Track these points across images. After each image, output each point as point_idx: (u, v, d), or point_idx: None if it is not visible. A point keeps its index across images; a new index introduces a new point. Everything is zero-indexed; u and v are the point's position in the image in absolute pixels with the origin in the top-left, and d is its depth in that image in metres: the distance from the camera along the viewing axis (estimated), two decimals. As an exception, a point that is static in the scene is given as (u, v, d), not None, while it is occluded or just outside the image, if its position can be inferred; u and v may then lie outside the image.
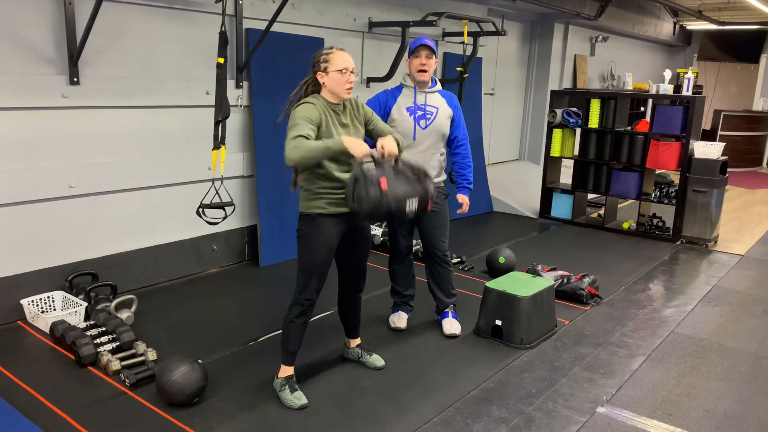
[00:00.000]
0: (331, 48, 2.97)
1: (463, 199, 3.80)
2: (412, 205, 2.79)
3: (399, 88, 3.76)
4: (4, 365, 3.30)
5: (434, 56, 3.64)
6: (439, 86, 3.77)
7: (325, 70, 2.90)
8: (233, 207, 3.91)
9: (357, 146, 2.71)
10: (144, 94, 4.29)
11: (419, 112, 3.65)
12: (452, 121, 3.75)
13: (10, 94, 3.64)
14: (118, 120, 4.19)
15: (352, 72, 2.91)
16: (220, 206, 3.83)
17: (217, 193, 3.86)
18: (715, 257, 5.90)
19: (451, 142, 3.80)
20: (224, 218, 3.91)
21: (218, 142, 3.84)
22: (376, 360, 3.43)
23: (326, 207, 2.92)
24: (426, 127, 3.66)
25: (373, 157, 2.81)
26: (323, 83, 2.91)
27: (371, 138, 3.13)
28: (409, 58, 3.69)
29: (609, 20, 9.30)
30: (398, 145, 2.96)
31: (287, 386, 3.05)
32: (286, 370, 3.09)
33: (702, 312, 4.47)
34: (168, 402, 2.95)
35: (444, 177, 3.82)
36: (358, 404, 3.06)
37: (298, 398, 3.01)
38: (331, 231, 2.95)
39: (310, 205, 2.94)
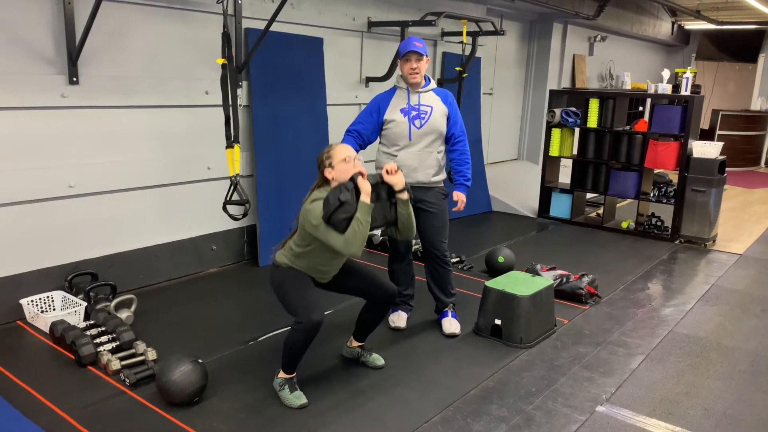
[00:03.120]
0: (329, 147, 3.09)
1: (458, 196, 3.79)
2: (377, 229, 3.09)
3: (392, 90, 3.76)
4: (3, 365, 3.30)
5: (424, 57, 3.61)
6: (433, 84, 3.76)
7: (330, 165, 3.01)
8: (248, 204, 4.08)
9: (365, 187, 2.92)
10: (143, 93, 4.29)
11: (413, 113, 3.65)
12: (448, 119, 3.74)
13: (10, 93, 3.64)
14: (117, 120, 4.19)
15: (355, 159, 3.02)
16: (241, 203, 4.03)
17: (235, 190, 4.02)
18: (713, 256, 5.91)
19: (448, 140, 3.79)
20: (244, 215, 4.16)
21: (231, 141, 3.94)
22: (376, 359, 3.44)
23: (305, 270, 3.08)
24: (421, 126, 3.65)
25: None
26: (332, 178, 3.00)
27: None
28: (399, 60, 3.68)
29: (607, 20, 9.31)
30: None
31: (287, 385, 3.05)
32: (287, 374, 3.10)
33: (701, 311, 4.47)
34: (168, 401, 2.95)
35: (443, 176, 3.82)
36: (358, 403, 3.07)
37: (297, 397, 3.01)
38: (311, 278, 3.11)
39: (288, 262, 3.07)
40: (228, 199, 4.05)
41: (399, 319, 3.95)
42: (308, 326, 2.89)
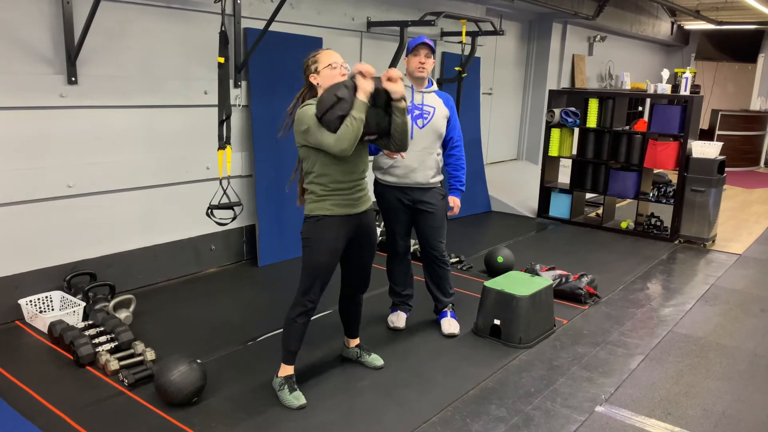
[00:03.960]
0: (317, 50, 3.00)
1: (454, 201, 3.82)
2: (370, 137, 2.93)
3: None
4: (2, 365, 3.29)
5: (432, 56, 3.65)
6: (435, 86, 3.79)
7: (316, 71, 2.92)
8: (241, 207, 3.93)
9: (364, 86, 2.76)
10: (142, 93, 4.28)
11: (416, 112, 3.66)
12: (448, 122, 3.76)
13: (8, 93, 3.63)
14: (116, 119, 4.18)
15: (342, 66, 2.92)
16: (229, 206, 3.85)
17: (224, 193, 3.87)
18: (713, 256, 5.91)
19: (446, 143, 3.81)
20: (233, 219, 3.93)
21: (223, 142, 3.86)
22: (375, 359, 3.44)
23: (332, 208, 2.94)
24: (423, 126, 3.66)
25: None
26: (317, 84, 2.91)
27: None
28: (407, 56, 3.70)
29: (607, 20, 9.31)
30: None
31: (286, 386, 3.05)
32: (286, 370, 3.09)
33: (700, 311, 4.47)
34: (167, 402, 2.95)
35: (441, 177, 3.82)
36: (357, 404, 3.06)
37: (296, 398, 3.01)
38: (337, 234, 2.96)
39: (315, 207, 2.95)
40: (217, 203, 3.85)
41: (398, 319, 3.95)
42: (302, 310, 2.97)
